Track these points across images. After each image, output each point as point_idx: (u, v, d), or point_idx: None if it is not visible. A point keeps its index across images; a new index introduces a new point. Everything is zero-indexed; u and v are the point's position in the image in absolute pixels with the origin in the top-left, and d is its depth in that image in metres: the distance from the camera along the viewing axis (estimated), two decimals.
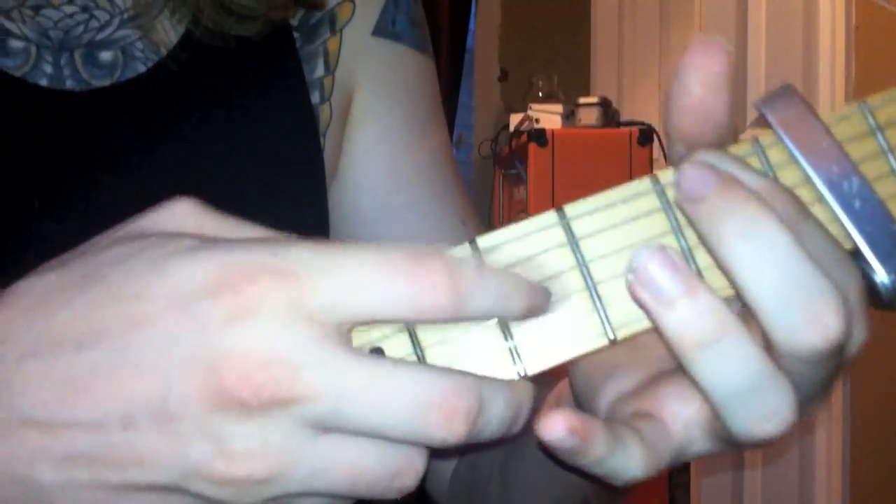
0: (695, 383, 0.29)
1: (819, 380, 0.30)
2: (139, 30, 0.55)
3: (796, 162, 0.32)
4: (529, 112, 2.48)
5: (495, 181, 2.76)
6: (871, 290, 0.32)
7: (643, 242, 0.32)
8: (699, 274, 0.31)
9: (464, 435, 0.28)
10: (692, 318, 0.28)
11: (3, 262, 0.31)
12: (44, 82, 0.53)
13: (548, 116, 2.46)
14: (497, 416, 0.29)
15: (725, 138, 0.32)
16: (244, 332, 0.27)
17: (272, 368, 0.27)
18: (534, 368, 0.31)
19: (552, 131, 2.33)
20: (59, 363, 0.28)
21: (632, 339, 0.32)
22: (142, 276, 0.28)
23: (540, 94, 2.65)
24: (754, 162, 0.32)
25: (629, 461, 0.31)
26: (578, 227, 0.32)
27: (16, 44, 0.53)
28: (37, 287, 0.30)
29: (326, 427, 0.28)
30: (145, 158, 0.53)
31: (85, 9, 0.54)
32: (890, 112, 0.32)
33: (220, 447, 0.28)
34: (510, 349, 0.31)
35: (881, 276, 0.31)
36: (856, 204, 0.31)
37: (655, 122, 2.55)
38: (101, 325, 0.28)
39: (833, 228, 0.32)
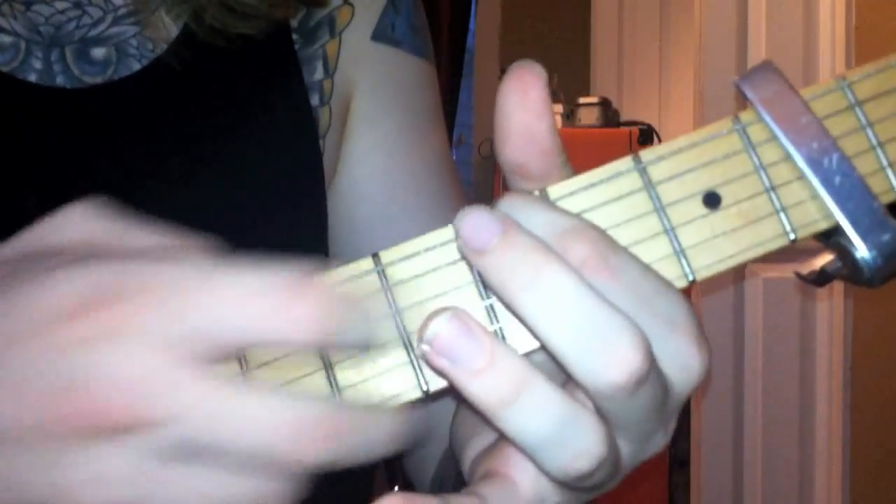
0: (505, 435, 0.29)
1: (644, 414, 0.30)
2: (137, 25, 0.55)
3: (776, 139, 0.32)
4: None
5: (495, 181, 2.76)
6: (853, 267, 0.31)
7: (625, 223, 0.32)
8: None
9: (318, 461, 0.28)
10: (494, 381, 0.28)
11: None
12: (32, 78, 0.52)
13: None
14: (361, 440, 0.28)
15: (556, 165, 0.32)
16: (99, 356, 0.27)
17: (126, 392, 0.27)
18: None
19: None
20: None
21: None
22: (15, 296, 0.28)
23: None
24: (735, 140, 0.32)
25: None
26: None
27: (4, 39, 0.52)
28: None
29: (181, 454, 0.27)
30: (139, 157, 0.53)
31: (77, 5, 0.54)
32: (868, 87, 0.32)
33: (75, 473, 0.27)
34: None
35: (862, 251, 0.31)
36: (836, 180, 0.31)
37: (655, 122, 2.55)
38: None
39: (813, 205, 0.32)
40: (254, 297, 0.27)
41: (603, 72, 2.91)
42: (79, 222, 0.31)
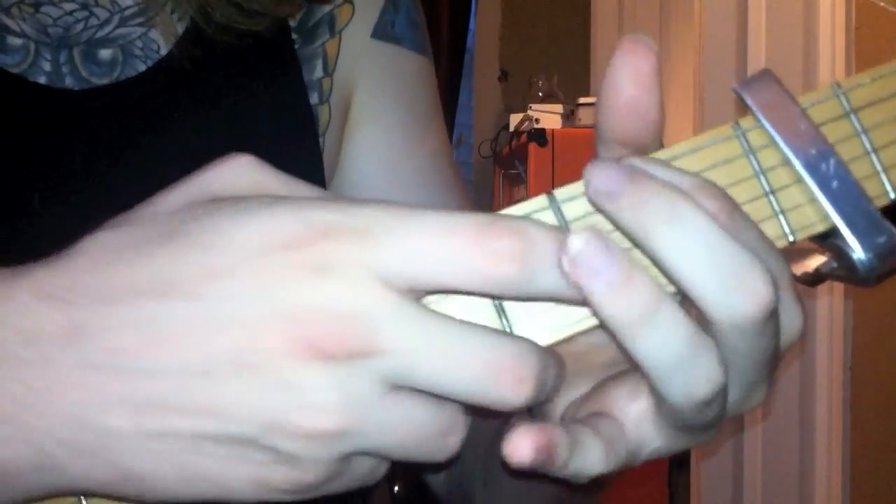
0: (633, 360, 0.30)
1: (759, 359, 0.31)
2: (145, 25, 0.55)
3: (775, 144, 0.32)
4: (529, 112, 2.49)
5: (495, 181, 2.77)
6: (850, 268, 0.32)
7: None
8: None
9: (530, 399, 0.29)
10: (631, 298, 0.29)
11: (2, 260, 0.31)
12: (42, 80, 0.53)
13: (548, 116, 2.47)
14: (549, 381, 0.30)
15: (654, 142, 0.33)
16: (324, 287, 0.28)
17: (353, 322, 0.28)
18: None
19: (552, 131, 2.34)
20: (141, 311, 0.28)
21: (573, 352, 0.33)
22: (221, 229, 0.29)
23: (540, 94, 2.65)
24: (734, 146, 0.33)
25: (590, 460, 0.31)
26: (569, 211, 0.32)
27: (14, 41, 0.53)
28: (107, 241, 0.30)
29: (398, 384, 0.29)
30: (144, 156, 0.54)
31: (85, 6, 0.55)
32: (863, 95, 0.33)
33: (300, 399, 0.28)
34: (504, 327, 0.32)
35: (858, 253, 0.32)
36: (833, 184, 0.32)
37: None
38: (184, 275, 0.28)
39: (811, 208, 0.33)
40: (449, 235, 0.28)
41: (603, 72, 2.90)
42: (244, 172, 0.32)
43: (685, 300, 0.30)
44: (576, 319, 0.32)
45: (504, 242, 0.28)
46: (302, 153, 0.59)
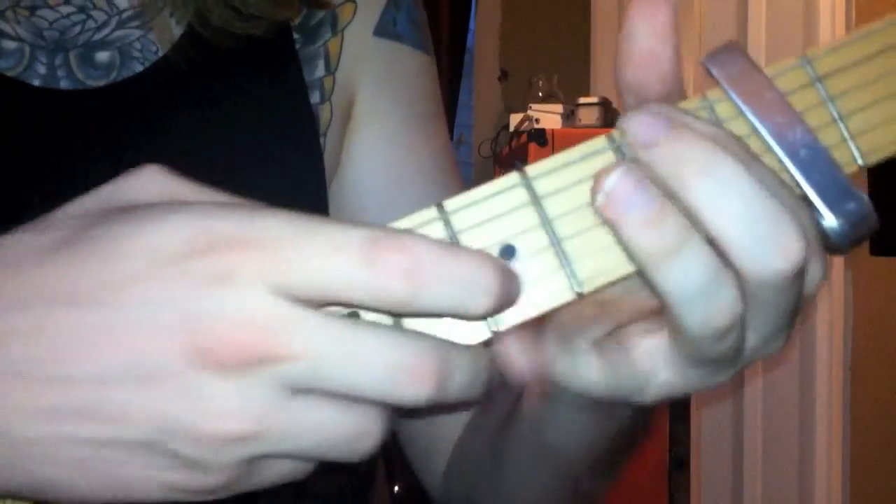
0: (656, 289, 0.31)
1: (783, 309, 0.32)
2: (142, 28, 0.55)
3: (743, 115, 0.32)
4: (529, 112, 2.49)
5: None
6: (822, 235, 0.33)
7: None
8: None
9: (432, 396, 0.29)
10: (662, 231, 0.29)
11: None
12: (37, 83, 0.53)
13: (548, 116, 2.47)
14: (461, 380, 0.30)
15: (673, 92, 0.33)
16: (223, 296, 0.28)
17: (252, 329, 0.28)
18: (507, 324, 0.32)
19: (552, 131, 2.34)
20: (43, 319, 0.29)
21: (597, 295, 0.33)
22: (124, 237, 0.29)
23: (540, 94, 2.65)
24: (703, 115, 0.33)
25: (582, 368, 0.33)
26: (540, 187, 0.33)
27: (9, 44, 0.53)
28: (16, 246, 0.30)
29: (302, 388, 0.29)
30: (141, 157, 0.53)
31: (82, 9, 0.55)
32: (828, 63, 0.33)
33: (201, 405, 0.28)
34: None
35: (829, 220, 0.32)
36: (801, 153, 0.32)
37: None
38: (86, 283, 0.29)
39: (781, 178, 0.33)
40: (342, 249, 0.29)
41: (603, 72, 2.91)
42: (157, 181, 0.32)
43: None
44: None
45: (389, 259, 0.28)
46: (301, 153, 0.59)
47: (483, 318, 0.31)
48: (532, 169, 0.33)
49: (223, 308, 0.28)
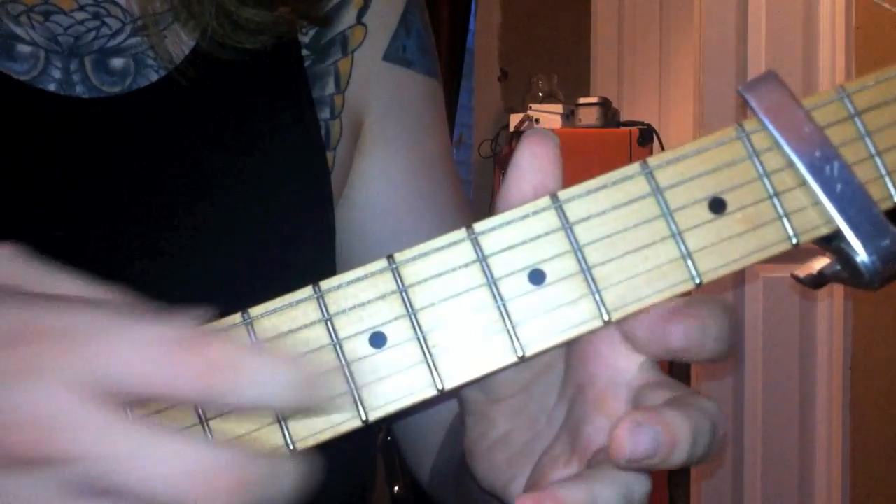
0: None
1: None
2: (147, 42, 0.55)
3: (779, 147, 0.32)
4: (529, 112, 2.49)
5: (495, 181, 2.77)
6: (854, 271, 0.32)
7: (633, 227, 0.33)
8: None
9: None
10: None
11: None
12: (52, 88, 0.52)
13: (548, 116, 2.47)
14: (257, 489, 0.29)
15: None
16: (19, 389, 0.28)
17: (37, 427, 0.27)
18: (534, 349, 0.33)
19: (552, 131, 2.33)
20: None
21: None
22: None
23: (540, 94, 2.65)
24: (738, 148, 0.33)
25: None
26: (572, 211, 0.33)
27: (23, 49, 0.52)
28: None
29: (89, 491, 0.28)
30: (154, 167, 0.54)
31: (96, 16, 0.54)
32: (867, 98, 0.33)
33: None
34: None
35: (862, 256, 0.32)
36: (837, 187, 0.32)
37: (655, 123, 2.56)
38: None
39: (815, 211, 0.32)
40: (147, 348, 0.28)
41: (603, 72, 2.91)
42: (4, 264, 0.32)
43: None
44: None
45: (185, 360, 0.28)
46: (309, 168, 0.59)
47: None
48: (564, 193, 0.33)
49: (19, 402, 0.28)
